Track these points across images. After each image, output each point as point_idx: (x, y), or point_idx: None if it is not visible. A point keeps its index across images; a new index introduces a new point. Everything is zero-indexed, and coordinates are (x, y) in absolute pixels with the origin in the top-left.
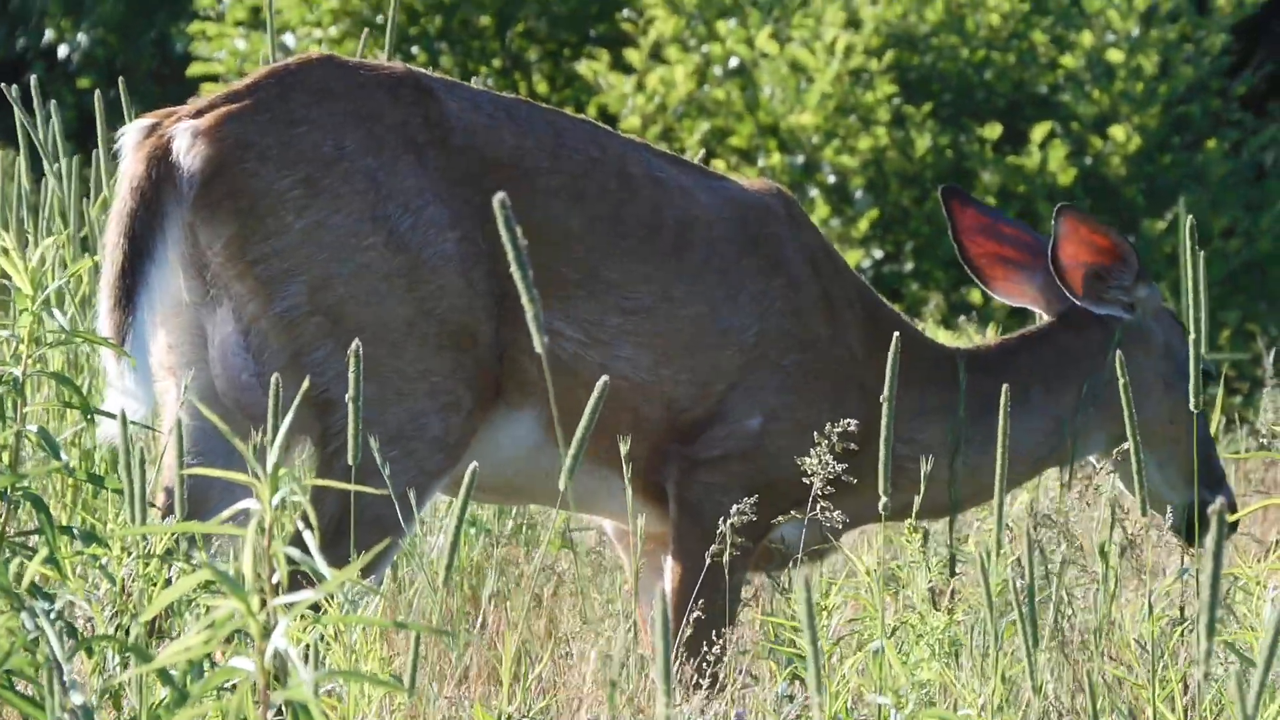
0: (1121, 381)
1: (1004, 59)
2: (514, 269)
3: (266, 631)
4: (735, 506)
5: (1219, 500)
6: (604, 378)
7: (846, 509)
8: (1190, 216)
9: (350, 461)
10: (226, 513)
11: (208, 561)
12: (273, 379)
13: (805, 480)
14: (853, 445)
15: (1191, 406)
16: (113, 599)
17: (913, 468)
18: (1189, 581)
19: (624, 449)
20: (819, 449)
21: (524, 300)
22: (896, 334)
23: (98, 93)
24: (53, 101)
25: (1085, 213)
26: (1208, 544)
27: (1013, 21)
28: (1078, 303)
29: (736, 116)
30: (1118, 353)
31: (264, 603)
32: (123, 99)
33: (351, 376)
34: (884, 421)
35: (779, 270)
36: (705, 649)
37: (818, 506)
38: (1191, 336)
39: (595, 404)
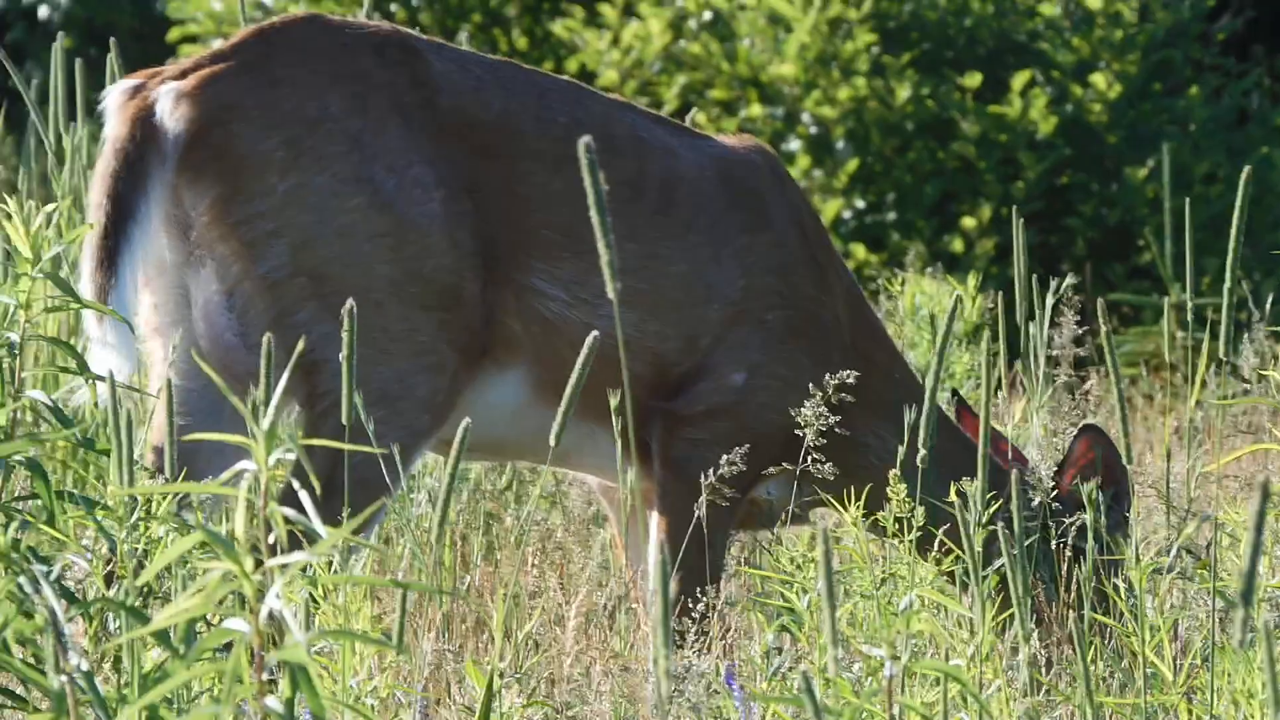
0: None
1: (983, 7)
2: (593, 215)
3: (261, 593)
4: (724, 458)
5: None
6: (593, 334)
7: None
8: (1169, 160)
9: (344, 420)
10: (226, 474)
11: (202, 524)
12: (264, 339)
13: (795, 434)
14: (848, 397)
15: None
16: (108, 561)
17: (875, 463)
18: (1175, 530)
19: (613, 403)
20: (814, 400)
21: (600, 246)
22: (958, 295)
23: (78, 61)
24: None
25: (1105, 435)
26: (1250, 516)
27: None
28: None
29: (715, 69)
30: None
31: (259, 564)
32: (110, 60)
33: (345, 337)
34: (931, 372)
35: (764, 226)
36: (691, 604)
37: (809, 459)
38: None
39: (585, 359)
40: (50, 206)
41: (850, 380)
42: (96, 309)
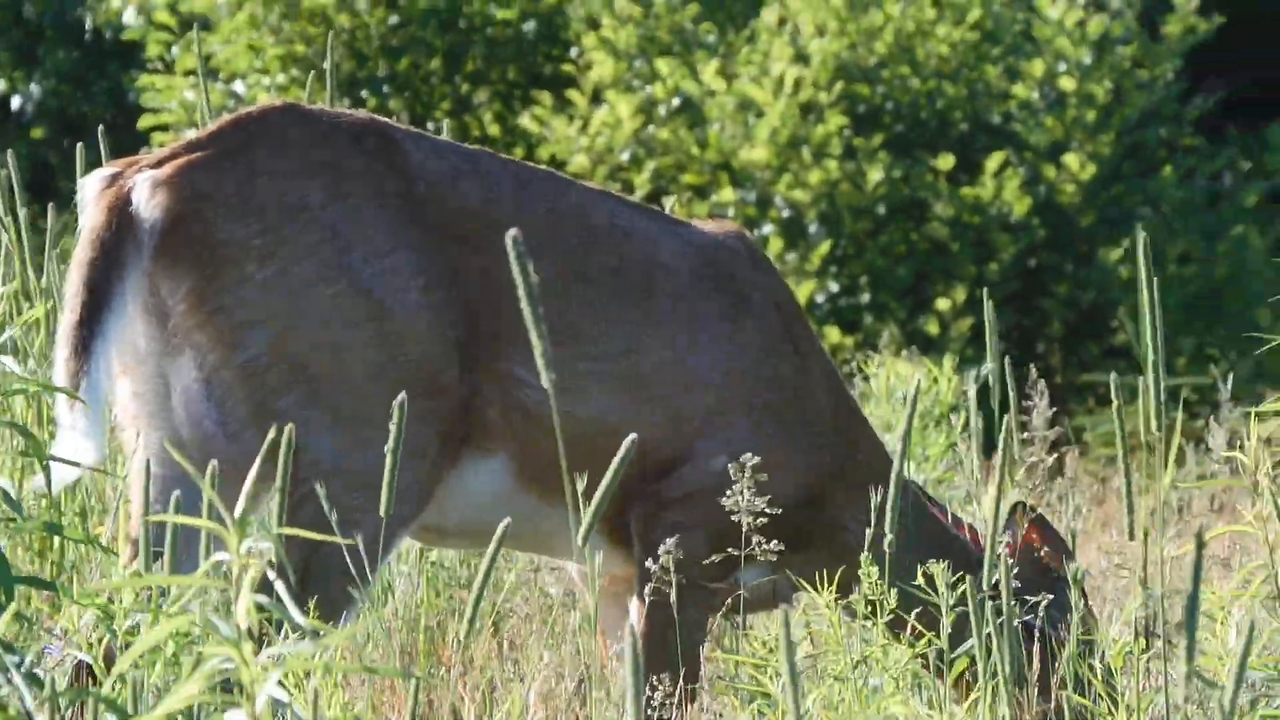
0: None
1: (956, 90)
2: (524, 305)
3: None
4: (689, 545)
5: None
6: (631, 435)
7: (811, 560)
8: (1145, 237)
9: (382, 513)
10: (205, 564)
11: (204, 614)
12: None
13: (777, 518)
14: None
15: (1155, 428)
16: (88, 649)
17: (855, 545)
18: (1150, 608)
19: (580, 486)
20: (742, 484)
21: (533, 337)
22: (919, 377)
23: (79, 146)
24: (9, 151)
25: (1047, 525)
26: (1187, 568)
27: (962, 50)
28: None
29: (686, 154)
30: None
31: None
32: (98, 148)
33: (394, 430)
34: (896, 461)
35: (745, 311)
36: (670, 687)
37: (752, 542)
38: (1151, 359)
39: (620, 462)
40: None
41: (830, 464)
42: (50, 390)
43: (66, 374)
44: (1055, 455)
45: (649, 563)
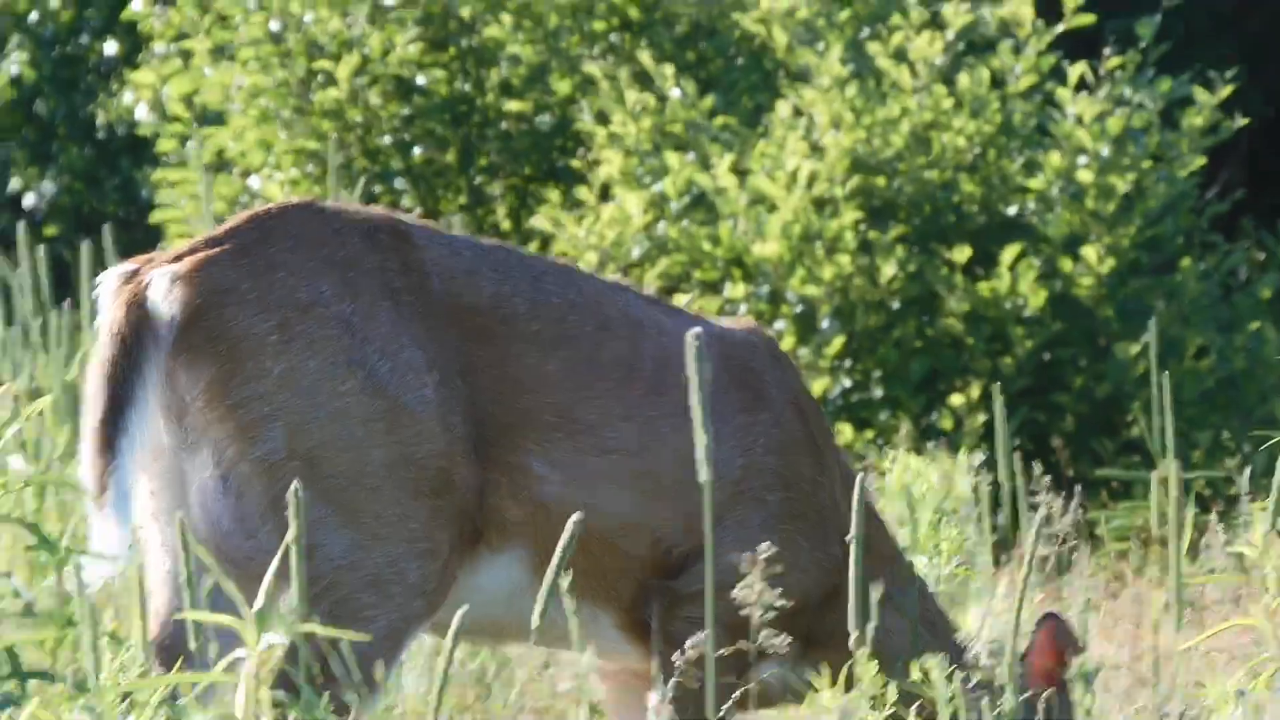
0: None
1: (973, 183)
2: (694, 401)
3: None
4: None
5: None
6: (576, 514)
7: (826, 657)
8: (1157, 334)
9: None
10: (223, 662)
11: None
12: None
13: (793, 613)
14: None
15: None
16: None
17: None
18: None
19: (614, 584)
20: (753, 577)
21: (696, 433)
22: (860, 475)
23: (85, 244)
24: (37, 250)
25: (1065, 624)
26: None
27: (979, 142)
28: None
29: (699, 250)
30: None
31: None
32: (102, 248)
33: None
34: (852, 559)
35: (762, 406)
36: None
37: (764, 636)
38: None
39: (568, 541)
40: (3, 388)
41: (845, 562)
42: (58, 483)
43: (94, 473)
44: (1069, 548)
45: (674, 656)
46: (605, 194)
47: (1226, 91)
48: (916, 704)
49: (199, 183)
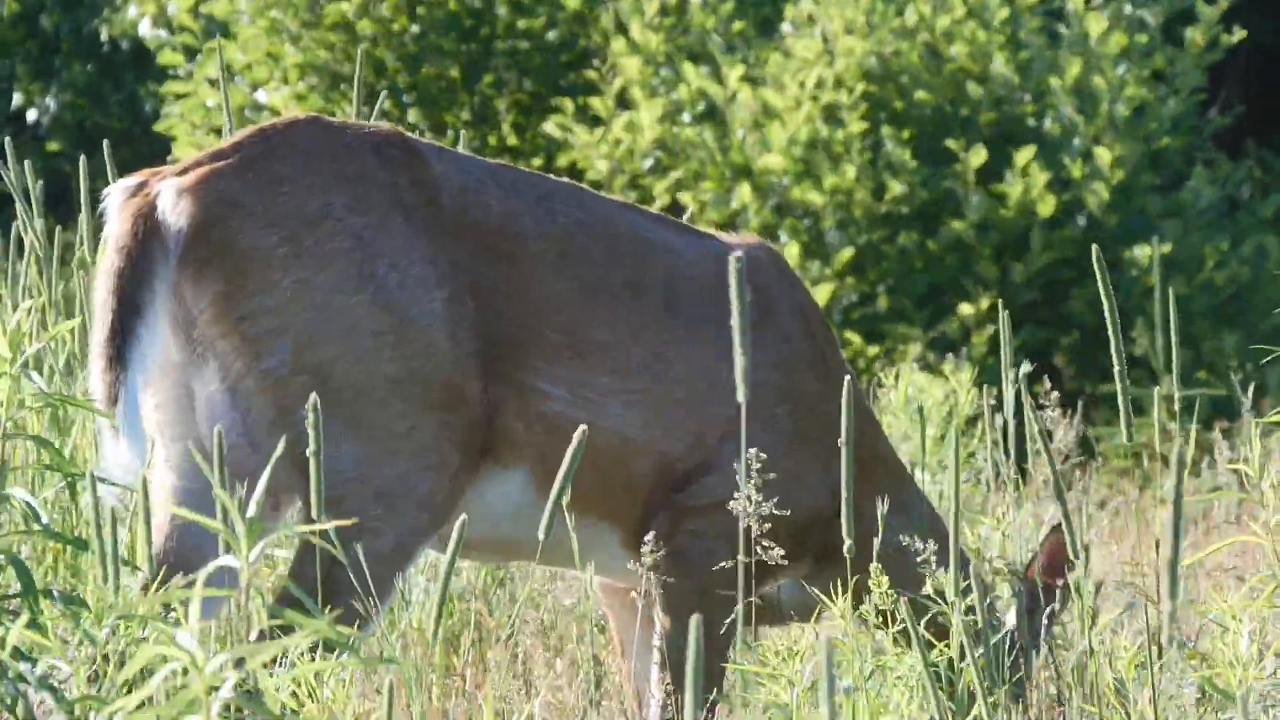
0: None
1: (981, 89)
2: (735, 323)
3: (214, 688)
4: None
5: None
6: (581, 428)
7: (836, 572)
8: (1170, 245)
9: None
10: (205, 570)
11: (154, 619)
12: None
13: (800, 529)
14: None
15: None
16: (91, 661)
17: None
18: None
19: (620, 502)
20: (748, 487)
21: (735, 355)
22: (848, 377)
23: (82, 158)
24: (26, 161)
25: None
26: (1167, 491)
27: (991, 50)
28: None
29: (709, 158)
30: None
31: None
32: (104, 161)
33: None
34: (844, 463)
35: (769, 323)
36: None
37: (764, 549)
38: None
39: (574, 451)
40: (27, 304)
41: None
42: (74, 404)
43: (104, 386)
44: (1073, 464)
45: (655, 563)
46: (619, 104)
47: (1225, 2)
48: (928, 616)
49: (206, 95)
